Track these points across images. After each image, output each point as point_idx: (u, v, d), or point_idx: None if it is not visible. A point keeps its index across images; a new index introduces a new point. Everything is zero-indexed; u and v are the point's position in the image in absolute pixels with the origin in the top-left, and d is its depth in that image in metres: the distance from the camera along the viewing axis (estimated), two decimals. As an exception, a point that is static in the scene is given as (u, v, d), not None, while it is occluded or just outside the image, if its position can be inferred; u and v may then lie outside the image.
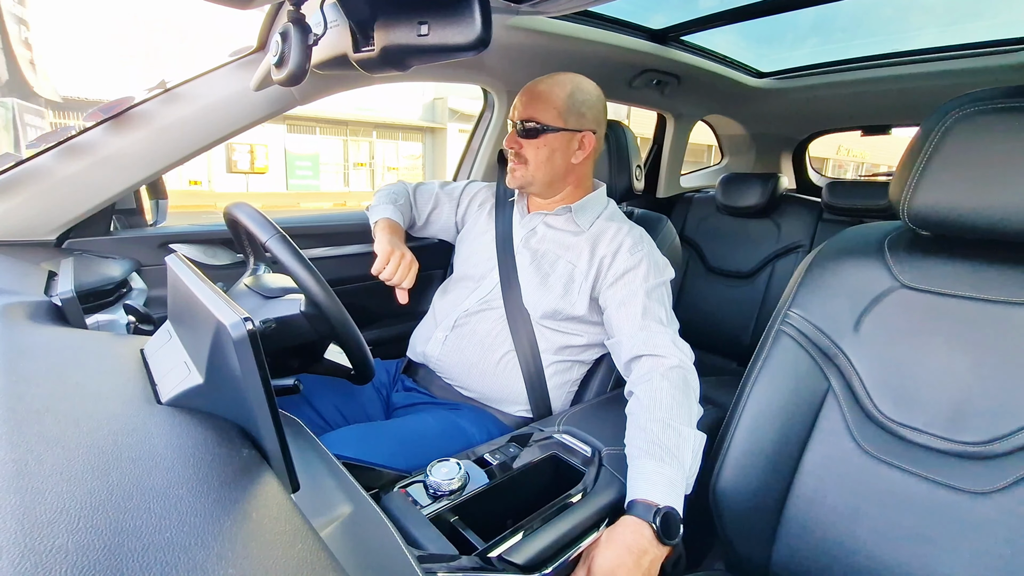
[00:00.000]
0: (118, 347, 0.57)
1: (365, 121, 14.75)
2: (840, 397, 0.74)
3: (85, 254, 1.06)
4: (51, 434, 0.36)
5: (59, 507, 0.28)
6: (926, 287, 0.71)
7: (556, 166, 1.03)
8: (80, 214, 1.03)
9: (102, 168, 1.02)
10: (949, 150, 0.65)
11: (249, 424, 0.41)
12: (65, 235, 1.05)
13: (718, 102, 2.13)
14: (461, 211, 1.25)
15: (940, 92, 1.58)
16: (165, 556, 0.27)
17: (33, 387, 0.43)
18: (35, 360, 0.51)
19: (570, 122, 1.01)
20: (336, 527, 0.41)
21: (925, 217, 0.68)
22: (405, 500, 0.69)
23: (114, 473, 0.33)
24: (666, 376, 0.85)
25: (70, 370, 0.50)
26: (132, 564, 0.26)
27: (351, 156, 15.48)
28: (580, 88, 1.03)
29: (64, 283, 0.78)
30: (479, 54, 0.57)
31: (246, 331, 0.36)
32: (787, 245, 1.92)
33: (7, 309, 0.62)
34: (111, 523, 0.28)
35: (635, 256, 1.00)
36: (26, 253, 0.97)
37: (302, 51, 0.67)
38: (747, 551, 0.79)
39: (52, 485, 0.30)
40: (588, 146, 1.04)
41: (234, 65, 1.08)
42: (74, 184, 1.01)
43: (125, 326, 0.86)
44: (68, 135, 1.02)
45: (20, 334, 0.56)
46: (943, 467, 0.66)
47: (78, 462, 0.33)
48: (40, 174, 1.00)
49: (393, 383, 1.14)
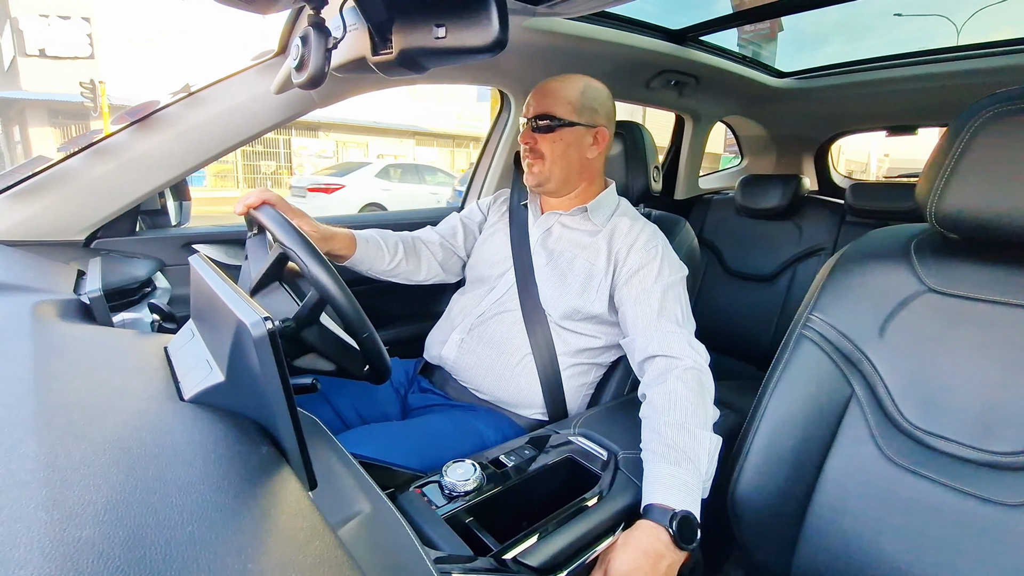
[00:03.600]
0: (143, 345, 0.58)
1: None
2: (864, 404, 0.73)
3: (112, 254, 1.09)
4: (79, 429, 0.37)
5: (86, 500, 0.29)
6: (954, 291, 0.69)
7: (572, 161, 1.03)
8: (108, 215, 1.06)
9: (128, 170, 1.05)
10: (979, 151, 0.63)
11: (268, 422, 0.42)
12: (93, 235, 1.08)
13: (738, 103, 2.10)
14: (489, 217, 1.25)
15: (970, 91, 1.54)
16: (186, 550, 0.28)
17: (63, 383, 0.44)
18: (65, 357, 0.52)
19: (584, 117, 1.02)
20: (353, 526, 0.41)
21: (953, 219, 0.66)
22: (421, 500, 0.69)
23: (138, 468, 0.34)
24: (681, 378, 0.83)
25: (97, 367, 0.51)
26: (155, 557, 0.27)
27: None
28: (591, 86, 1.05)
29: (92, 282, 0.80)
30: (496, 56, 0.57)
31: (266, 330, 0.37)
32: (809, 248, 1.88)
33: (39, 307, 0.64)
34: (135, 517, 0.29)
35: (650, 252, 0.99)
36: (56, 252, 1.00)
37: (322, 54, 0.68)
38: (766, 559, 0.78)
39: (79, 479, 0.31)
40: (602, 141, 1.05)
41: (255, 69, 1.10)
42: (102, 186, 1.04)
43: (150, 324, 0.88)
44: (97, 138, 1.05)
45: (51, 332, 0.58)
46: (971, 477, 0.64)
47: (104, 457, 0.34)
48: (70, 176, 1.03)
49: (411, 383, 1.14)
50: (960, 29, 6.36)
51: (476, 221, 1.25)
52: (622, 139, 1.23)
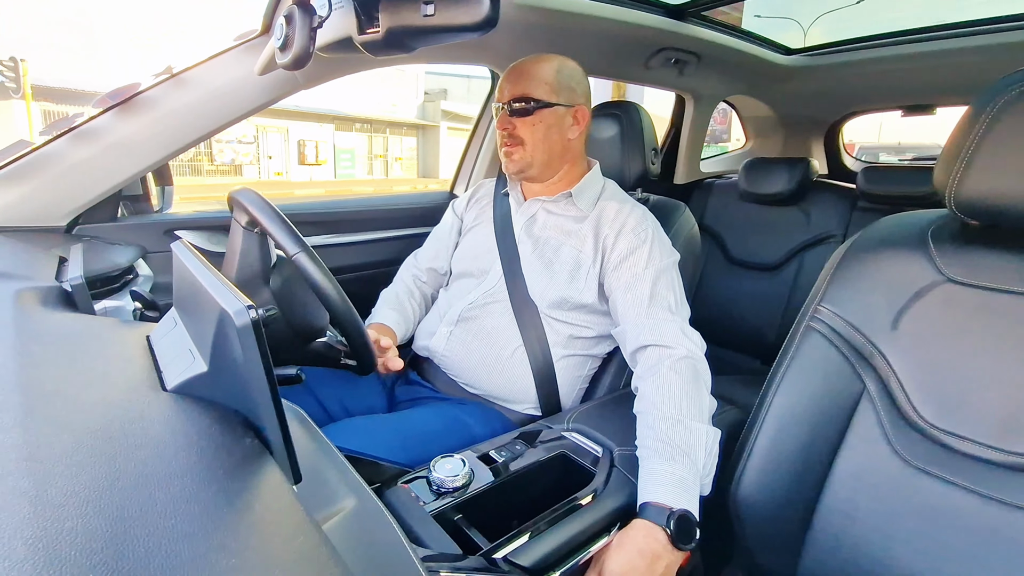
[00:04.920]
0: (125, 334, 0.58)
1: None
2: (876, 400, 0.69)
3: (94, 240, 1.07)
4: (61, 418, 0.37)
5: (68, 491, 0.29)
6: (974, 281, 0.65)
7: (553, 144, 1.00)
8: (89, 200, 1.05)
9: (110, 154, 1.03)
10: (1002, 132, 0.59)
11: (252, 413, 0.41)
12: (75, 221, 1.06)
13: (742, 82, 2.01)
14: (464, 218, 1.22)
15: (992, 68, 1.45)
16: (169, 544, 0.27)
17: (45, 371, 0.44)
18: (47, 345, 0.52)
19: (563, 97, 0.99)
20: (338, 521, 0.40)
21: (974, 205, 0.62)
22: (408, 496, 0.68)
23: (120, 459, 0.33)
24: (674, 368, 0.81)
25: (79, 355, 0.51)
26: (137, 550, 0.26)
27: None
28: (565, 64, 1.01)
29: (74, 269, 0.79)
30: (486, 34, 0.56)
31: (250, 319, 0.36)
32: (817, 235, 1.80)
33: (21, 294, 0.64)
34: (117, 508, 0.29)
35: (639, 236, 0.96)
36: (38, 239, 0.99)
37: (306, 34, 0.66)
38: (770, 563, 0.75)
39: (62, 469, 0.31)
40: (582, 120, 1.02)
41: (239, 49, 1.07)
42: (83, 171, 1.03)
43: (132, 312, 0.87)
44: (77, 122, 1.02)
45: (33, 319, 0.58)
46: (993, 480, 0.60)
47: (86, 447, 0.34)
48: (51, 161, 1.01)
49: (398, 375, 1.12)
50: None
51: (455, 228, 1.22)
52: (618, 120, 1.19)
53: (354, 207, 1.44)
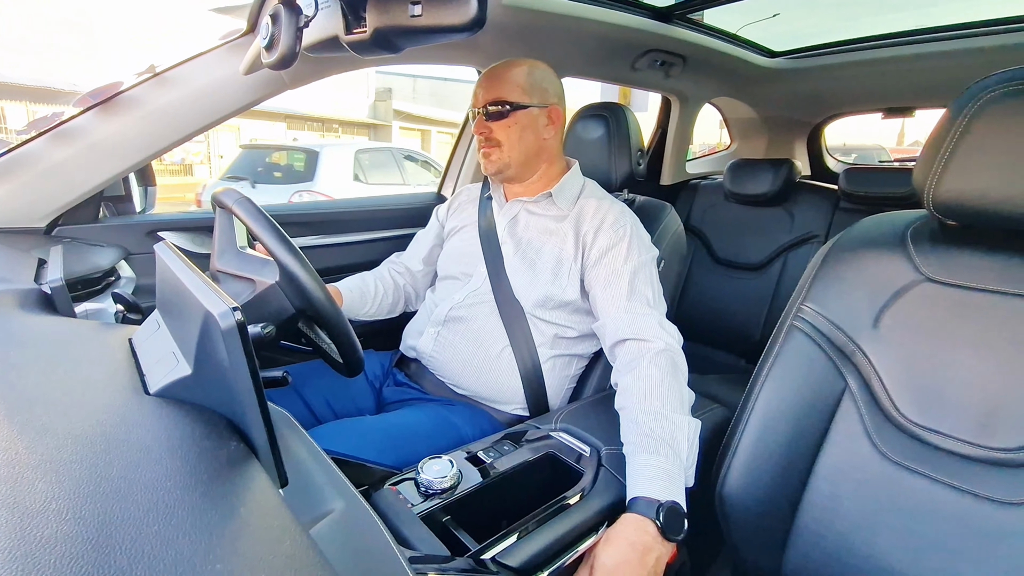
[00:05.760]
0: (107, 337, 0.57)
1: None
2: (858, 398, 0.70)
3: (74, 241, 1.05)
4: (41, 423, 0.36)
5: (49, 497, 0.29)
6: (952, 280, 0.66)
7: (529, 144, 1.02)
8: (70, 201, 1.02)
9: (91, 154, 1.01)
10: (979, 134, 0.60)
11: (237, 416, 0.41)
12: (55, 222, 1.04)
13: (727, 84, 2.04)
14: (446, 224, 1.22)
15: (969, 71, 1.47)
16: (152, 549, 0.27)
17: (24, 376, 0.44)
18: (25, 349, 0.51)
19: (535, 98, 1.01)
20: (325, 524, 0.40)
21: (952, 206, 0.63)
22: (396, 498, 0.67)
23: (102, 464, 0.33)
24: (654, 362, 0.83)
25: (60, 359, 0.50)
26: (120, 557, 0.26)
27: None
28: (536, 66, 1.03)
29: (53, 271, 0.78)
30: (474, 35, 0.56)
31: (235, 321, 0.36)
32: (801, 235, 1.83)
33: None
34: (99, 515, 0.28)
35: (617, 232, 0.97)
36: (17, 240, 0.97)
37: (292, 33, 0.66)
38: (756, 559, 0.76)
39: (42, 475, 0.30)
40: (557, 120, 1.04)
41: (224, 48, 1.06)
42: (64, 171, 1.00)
43: (114, 315, 0.86)
44: (58, 121, 1.00)
45: (11, 323, 0.56)
46: (970, 474, 0.61)
47: (67, 452, 0.33)
48: (30, 161, 0.99)
49: (386, 376, 1.12)
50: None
51: (437, 233, 1.23)
52: (605, 122, 1.20)
53: (343, 208, 1.43)
